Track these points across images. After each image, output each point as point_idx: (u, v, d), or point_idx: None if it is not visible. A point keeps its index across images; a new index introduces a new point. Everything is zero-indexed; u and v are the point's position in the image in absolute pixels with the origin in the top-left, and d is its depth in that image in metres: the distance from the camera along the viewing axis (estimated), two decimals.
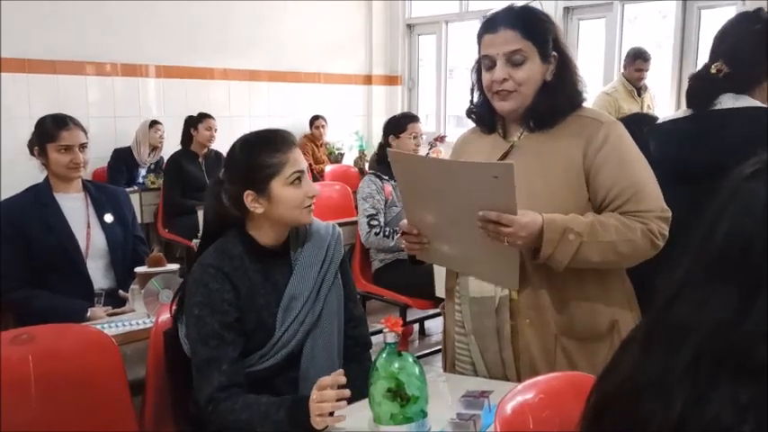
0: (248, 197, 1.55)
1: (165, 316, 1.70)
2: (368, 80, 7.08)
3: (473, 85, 1.64)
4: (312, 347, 1.60)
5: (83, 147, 2.36)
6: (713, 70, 1.77)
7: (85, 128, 2.43)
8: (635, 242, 1.44)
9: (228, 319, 1.51)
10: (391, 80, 7.19)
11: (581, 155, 1.50)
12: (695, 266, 0.88)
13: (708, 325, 0.78)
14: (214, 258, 1.56)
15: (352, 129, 6.74)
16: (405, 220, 1.59)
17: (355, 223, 3.48)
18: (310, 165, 5.88)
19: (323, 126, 6.25)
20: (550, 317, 1.51)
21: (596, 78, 5.63)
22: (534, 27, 1.53)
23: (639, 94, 4.66)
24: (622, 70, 4.85)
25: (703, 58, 5.42)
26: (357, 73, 7.01)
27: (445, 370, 1.71)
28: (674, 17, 5.15)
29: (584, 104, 1.62)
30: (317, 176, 5.71)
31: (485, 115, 1.64)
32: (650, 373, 0.87)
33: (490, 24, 1.54)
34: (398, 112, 5.19)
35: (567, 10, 5.77)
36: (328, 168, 5.82)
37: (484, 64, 1.56)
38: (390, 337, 1.28)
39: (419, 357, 3.49)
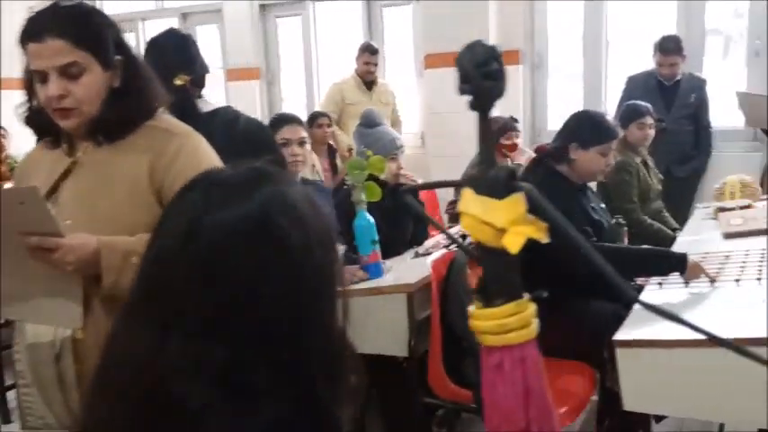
0: None
1: None
2: None
3: (27, 85, 1.39)
4: None
5: None
6: (180, 82, 2.02)
7: None
8: None
9: None
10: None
11: (147, 169, 1.37)
12: (129, 304, 0.81)
13: (135, 362, 0.74)
14: None
15: None
16: None
17: None
18: None
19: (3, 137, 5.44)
20: None
21: (296, 75, 5.75)
22: (88, 33, 1.33)
23: (370, 89, 4.71)
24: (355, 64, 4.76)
25: (389, 52, 5.67)
26: None
27: (22, 428, 1.47)
28: (361, 16, 5.38)
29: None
30: None
31: (45, 125, 1.41)
32: (96, 414, 0.79)
33: (33, 31, 1.30)
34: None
35: (262, 8, 5.73)
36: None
37: (35, 77, 1.33)
38: None
39: None
